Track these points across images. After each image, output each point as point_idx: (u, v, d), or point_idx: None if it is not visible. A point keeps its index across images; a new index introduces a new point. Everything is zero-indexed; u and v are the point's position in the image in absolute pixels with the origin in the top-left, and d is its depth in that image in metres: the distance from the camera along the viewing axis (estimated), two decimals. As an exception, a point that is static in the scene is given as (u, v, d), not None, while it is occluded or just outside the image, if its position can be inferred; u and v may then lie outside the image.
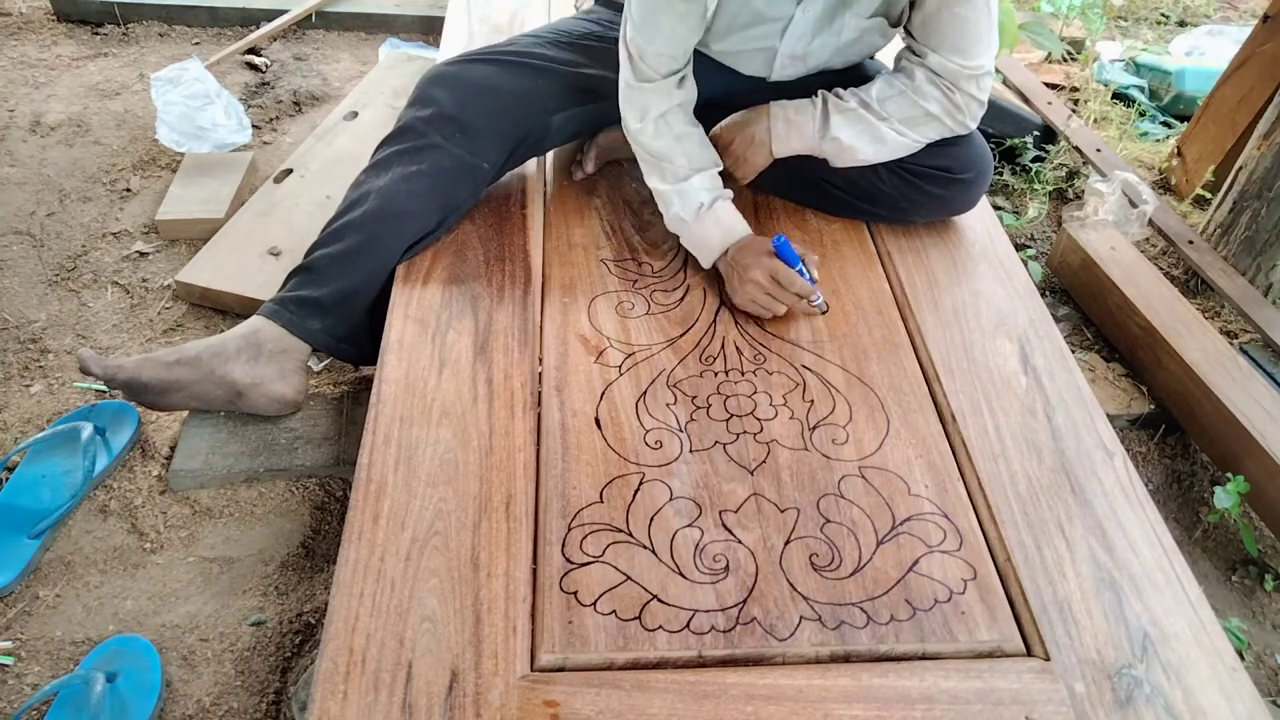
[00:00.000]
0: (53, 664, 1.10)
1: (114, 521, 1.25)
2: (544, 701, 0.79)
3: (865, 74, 1.35)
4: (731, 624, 0.86)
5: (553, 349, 1.13)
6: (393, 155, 1.28)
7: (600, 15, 1.44)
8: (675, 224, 1.26)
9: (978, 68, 1.19)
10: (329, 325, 1.24)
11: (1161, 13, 2.94)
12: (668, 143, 1.23)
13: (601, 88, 1.30)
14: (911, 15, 1.19)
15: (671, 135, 1.23)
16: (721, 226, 1.22)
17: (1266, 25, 1.84)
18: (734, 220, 1.23)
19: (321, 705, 0.78)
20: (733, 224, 1.23)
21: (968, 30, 1.16)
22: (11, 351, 1.50)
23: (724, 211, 1.23)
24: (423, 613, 0.84)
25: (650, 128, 1.23)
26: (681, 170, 1.23)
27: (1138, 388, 1.53)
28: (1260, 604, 1.30)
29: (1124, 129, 2.22)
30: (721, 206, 1.23)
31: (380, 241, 1.22)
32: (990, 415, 1.08)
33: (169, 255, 1.72)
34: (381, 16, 2.56)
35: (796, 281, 1.16)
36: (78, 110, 2.10)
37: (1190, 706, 0.82)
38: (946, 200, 1.34)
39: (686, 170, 1.23)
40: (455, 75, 1.31)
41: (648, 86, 1.21)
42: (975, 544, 0.94)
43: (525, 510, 0.94)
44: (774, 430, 1.05)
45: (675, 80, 1.23)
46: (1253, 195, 1.67)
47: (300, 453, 1.29)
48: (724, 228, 1.22)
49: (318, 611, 1.15)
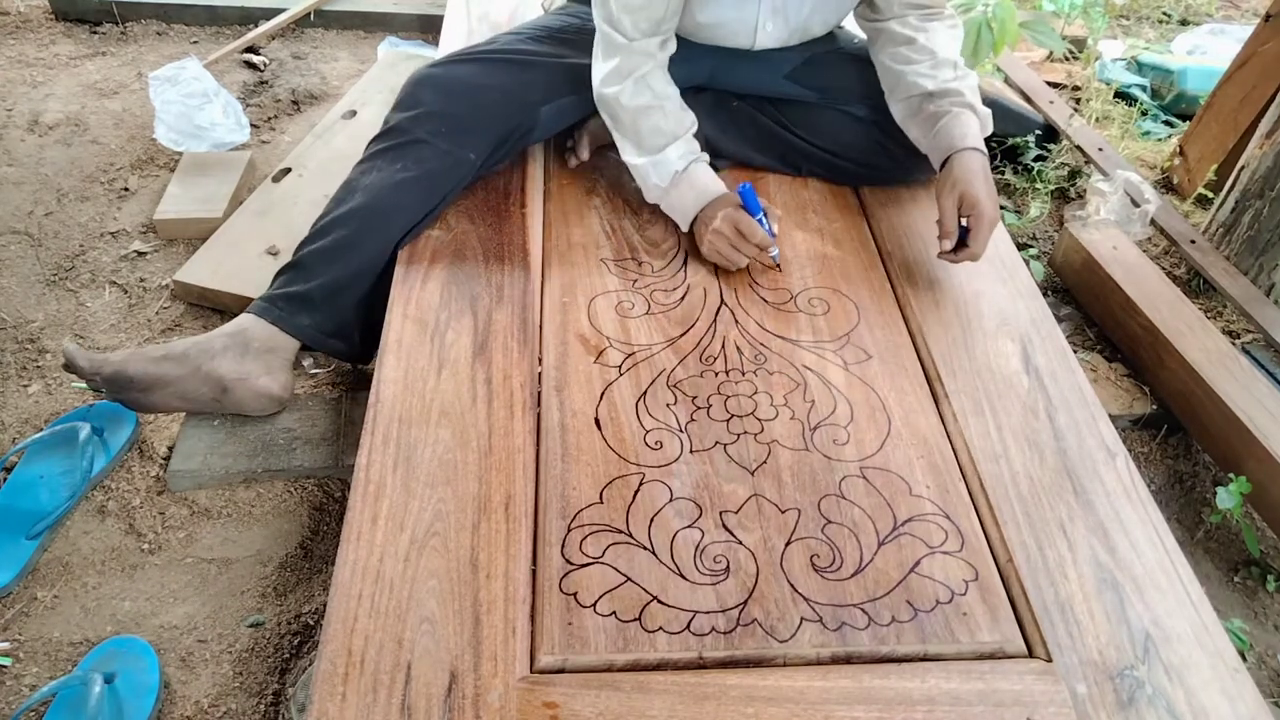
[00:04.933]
0: (51, 665, 1.09)
1: (112, 522, 1.25)
2: (543, 703, 0.78)
3: (841, 44, 1.44)
4: (732, 625, 0.85)
5: (552, 349, 1.12)
6: (379, 153, 1.29)
7: (574, 10, 1.47)
8: (654, 193, 1.30)
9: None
10: (317, 320, 1.24)
11: (1163, 11, 2.94)
12: (646, 100, 1.25)
13: (588, 76, 1.32)
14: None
15: (651, 94, 1.25)
16: (695, 188, 1.27)
17: (1269, 24, 1.84)
18: (708, 181, 1.27)
19: (320, 707, 0.77)
20: (706, 184, 1.27)
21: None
22: (9, 351, 1.49)
23: (698, 173, 1.27)
24: (422, 614, 0.84)
25: (630, 86, 1.24)
26: (659, 138, 1.25)
27: (1140, 388, 1.53)
28: (1262, 605, 1.30)
29: (1126, 128, 2.22)
30: (696, 168, 1.27)
31: (368, 236, 1.23)
32: (992, 415, 1.07)
33: (167, 255, 1.72)
34: (380, 15, 2.56)
35: (757, 233, 1.21)
36: (76, 109, 2.10)
37: (1192, 707, 0.82)
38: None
39: (664, 138, 1.25)
40: (440, 76, 1.32)
41: (629, 46, 1.23)
42: (977, 545, 0.94)
43: (525, 511, 0.93)
44: (775, 430, 1.04)
45: (657, 42, 1.25)
46: (1255, 195, 1.66)
47: (298, 453, 1.28)
48: (698, 189, 1.27)
49: (316, 613, 1.15)
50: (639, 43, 1.23)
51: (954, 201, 1.18)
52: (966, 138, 1.21)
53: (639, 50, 1.23)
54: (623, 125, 1.28)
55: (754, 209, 1.22)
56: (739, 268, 1.24)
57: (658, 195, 1.30)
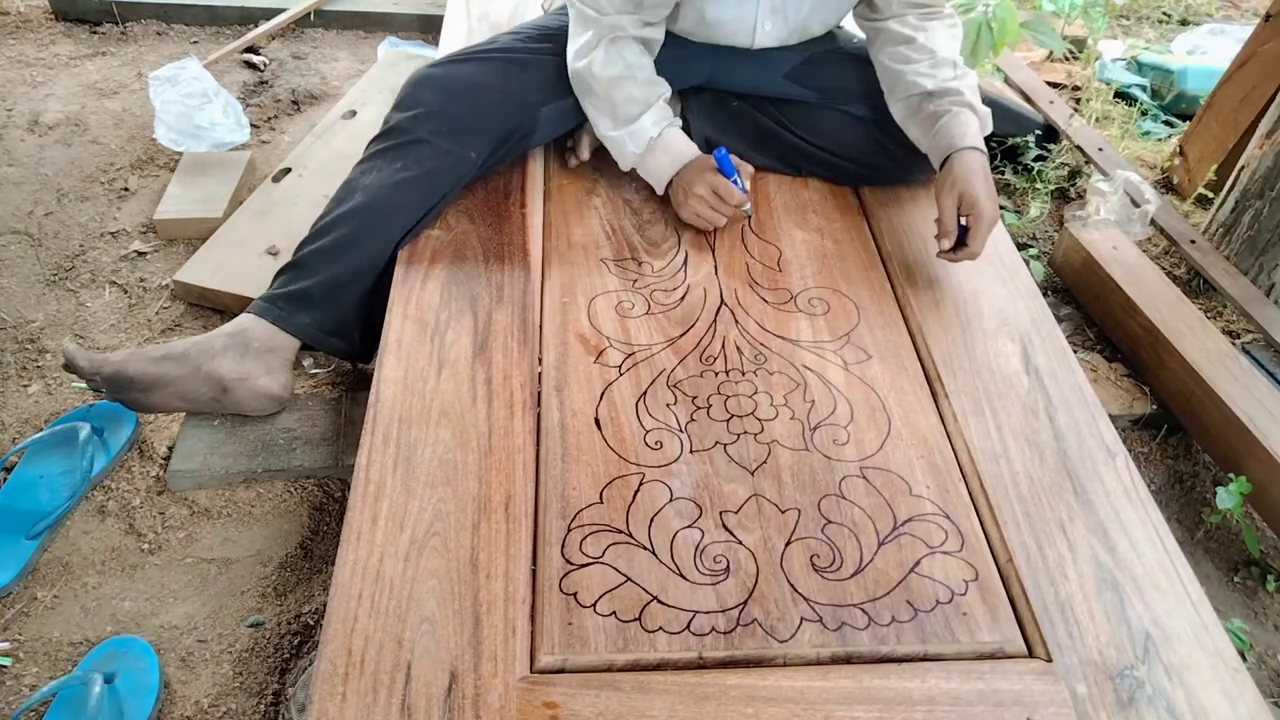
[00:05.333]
0: (51, 665, 1.09)
1: (112, 522, 1.25)
2: (543, 703, 0.78)
3: (840, 44, 1.45)
4: (732, 625, 0.85)
5: (552, 349, 1.12)
6: (379, 153, 1.29)
7: None
8: (629, 159, 1.32)
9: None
10: (317, 319, 1.25)
11: (1163, 11, 2.94)
12: (619, 70, 1.26)
13: None
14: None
15: (623, 63, 1.27)
16: (670, 153, 1.30)
17: (1269, 24, 1.84)
18: (682, 145, 1.31)
19: (320, 707, 0.77)
20: (681, 149, 1.30)
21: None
22: (9, 351, 1.49)
23: (672, 137, 1.30)
24: (422, 614, 0.84)
25: (601, 55, 1.26)
26: (633, 107, 1.27)
27: (1140, 388, 1.53)
28: (1262, 605, 1.30)
29: (1126, 128, 2.22)
30: (670, 133, 1.30)
31: (368, 235, 1.23)
32: (992, 415, 1.07)
33: (167, 255, 1.72)
34: (380, 15, 2.56)
35: (735, 194, 1.26)
36: (76, 109, 2.10)
37: (1192, 708, 0.82)
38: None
39: (638, 107, 1.27)
40: (440, 76, 1.32)
41: (600, 20, 1.25)
42: (977, 545, 0.94)
43: (525, 511, 0.93)
44: (775, 430, 1.04)
45: (629, 18, 1.26)
46: (1255, 194, 1.66)
47: (298, 453, 1.28)
48: (672, 154, 1.30)
49: (316, 613, 1.15)
50: (611, 17, 1.25)
51: (953, 201, 1.18)
52: (966, 137, 1.21)
53: (610, 23, 1.25)
54: (595, 97, 1.29)
55: (729, 171, 1.27)
56: (718, 227, 1.30)
57: (633, 161, 1.32)
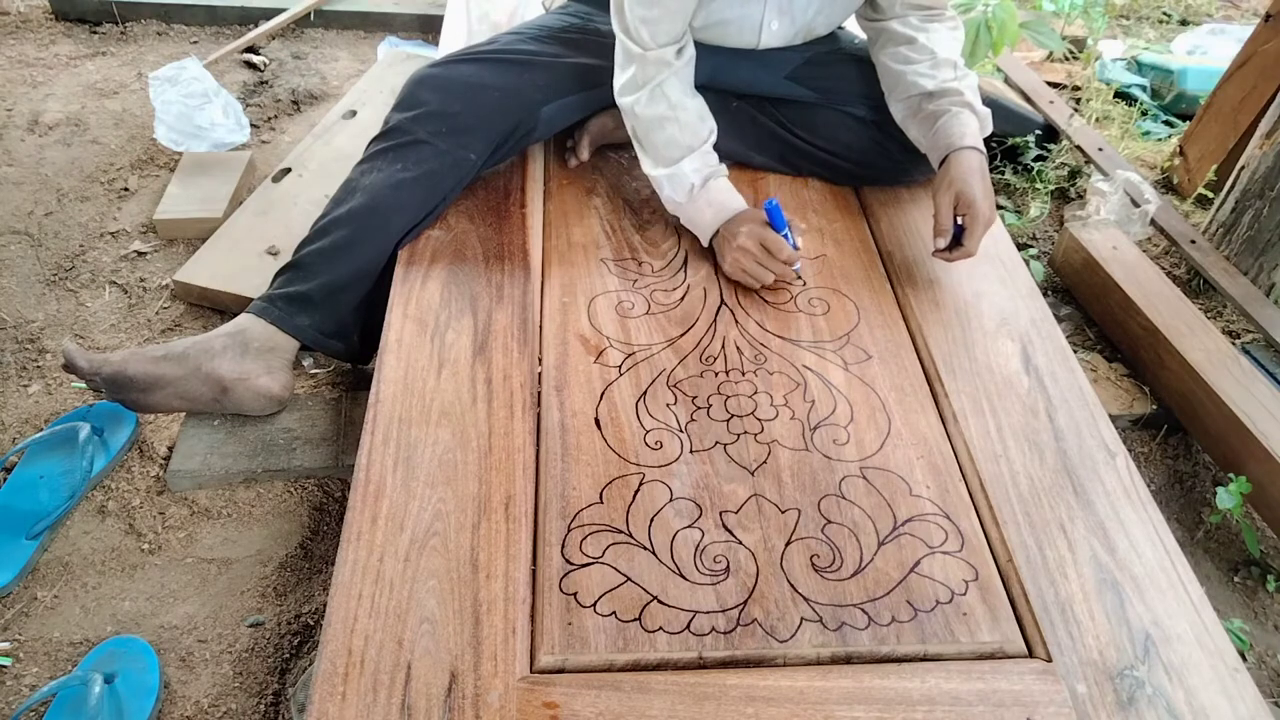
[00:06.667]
0: (51, 665, 1.09)
1: (112, 522, 1.25)
2: (543, 703, 0.78)
3: (841, 45, 1.43)
4: (732, 625, 0.85)
5: (552, 349, 1.12)
6: (379, 153, 1.29)
7: (575, 9, 1.46)
8: (669, 205, 1.29)
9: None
10: (316, 320, 1.25)
11: (1163, 11, 2.94)
12: (661, 110, 1.23)
13: (588, 76, 1.31)
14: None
15: (666, 103, 1.23)
16: (714, 205, 1.25)
17: (1269, 24, 1.84)
18: (727, 198, 1.25)
19: (320, 707, 0.77)
20: (725, 202, 1.25)
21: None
22: (9, 351, 1.49)
23: (717, 190, 1.25)
24: (422, 614, 0.84)
25: (645, 96, 1.23)
26: (674, 150, 1.24)
27: (1140, 388, 1.53)
28: (1262, 605, 1.29)
29: (1126, 128, 2.22)
30: (715, 185, 1.25)
31: (368, 236, 1.23)
32: (992, 415, 1.07)
33: (167, 255, 1.72)
34: (380, 15, 2.55)
35: (785, 249, 1.18)
36: (75, 109, 2.10)
37: (1192, 708, 0.82)
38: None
39: (679, 150, 1.24)
40: (441, 76, 1.32)
41: (644, 55, 1.22)
42: (977, 545, 0.94)
43: (525, 511, 0.93)
44: (775, 431, 1.04)
45: (673, 50, 1.23)
46: (1255, 195, 1.66)
47: (298, 453, 1.28)
48: (716, 206, 1.25)
49: (316, 613, 1.15)
50: (654, 52, 1.21)
51: (950, 200, 1.18)
52: (965, 136, 1.21)
53: (654, 59, 1.22)
54: (638, 135, 1.28)
55: (779, 225, 1.20)
56: (764, 285, 1.21)
57: (673, 208, 1.29)
